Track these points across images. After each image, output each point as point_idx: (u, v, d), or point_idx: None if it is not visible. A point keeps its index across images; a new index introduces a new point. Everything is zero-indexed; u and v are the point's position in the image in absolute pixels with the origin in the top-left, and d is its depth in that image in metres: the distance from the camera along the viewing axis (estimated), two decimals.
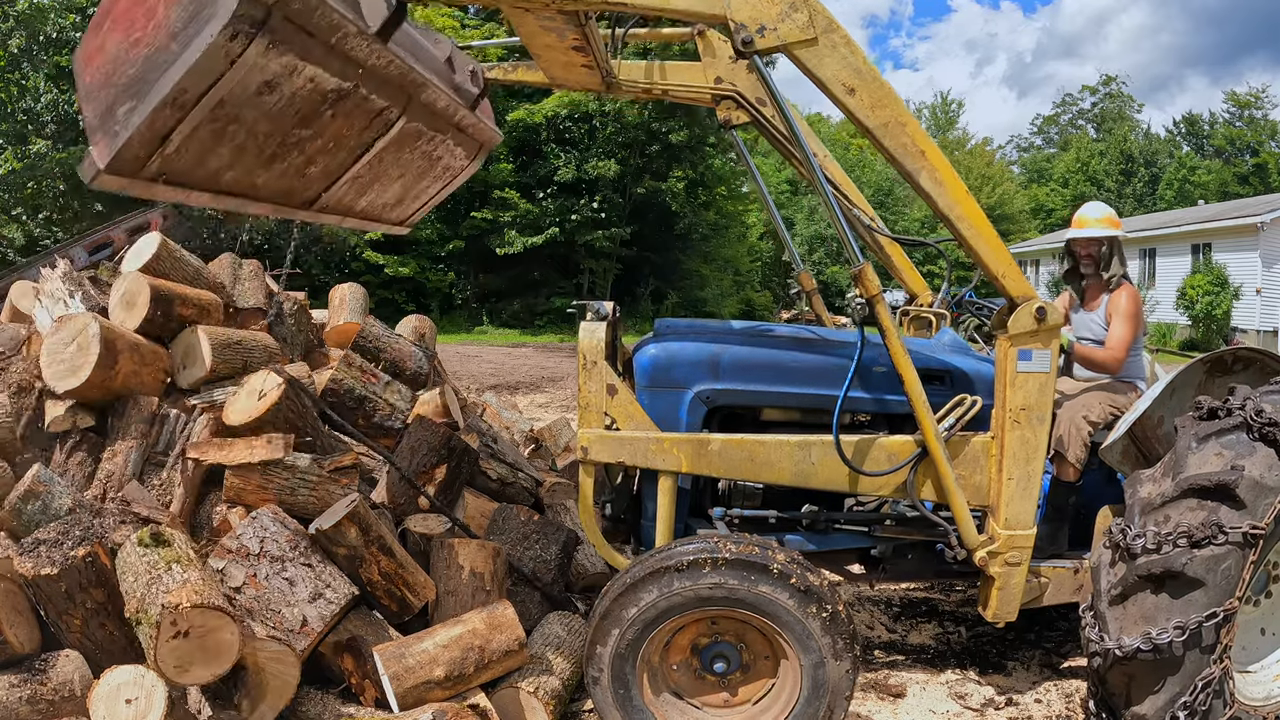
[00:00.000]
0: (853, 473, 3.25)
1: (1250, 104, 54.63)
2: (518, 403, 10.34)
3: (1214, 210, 31.07)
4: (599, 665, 3.00)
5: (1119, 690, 2.99)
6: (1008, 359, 3.16)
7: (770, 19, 2.78)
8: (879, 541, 3.67)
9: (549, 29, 3.01)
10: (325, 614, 3.22)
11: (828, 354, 3.50)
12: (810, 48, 2.83)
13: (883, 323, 3.04)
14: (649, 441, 3.26)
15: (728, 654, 3.11)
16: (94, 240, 8.35)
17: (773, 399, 3.47)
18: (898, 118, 2.95)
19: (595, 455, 3.30)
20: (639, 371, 3.43)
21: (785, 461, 3.27)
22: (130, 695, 2.79)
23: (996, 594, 3.30)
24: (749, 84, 3.88)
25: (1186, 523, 2.85)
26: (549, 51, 3.31)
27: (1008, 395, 3.18)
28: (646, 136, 26.73)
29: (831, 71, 2.88)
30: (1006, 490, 3.22)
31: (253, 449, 3.70)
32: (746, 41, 2.79)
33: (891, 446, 3.28)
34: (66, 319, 3.96)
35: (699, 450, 3.26)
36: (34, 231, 24.26)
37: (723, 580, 2.90)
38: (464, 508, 4.42)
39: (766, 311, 41.12)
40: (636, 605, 2.94)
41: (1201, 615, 2.80)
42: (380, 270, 25.35)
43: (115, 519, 3.38)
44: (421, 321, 6.30)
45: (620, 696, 3.00)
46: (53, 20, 23.41)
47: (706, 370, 3.40)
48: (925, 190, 3.00)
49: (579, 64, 3.45)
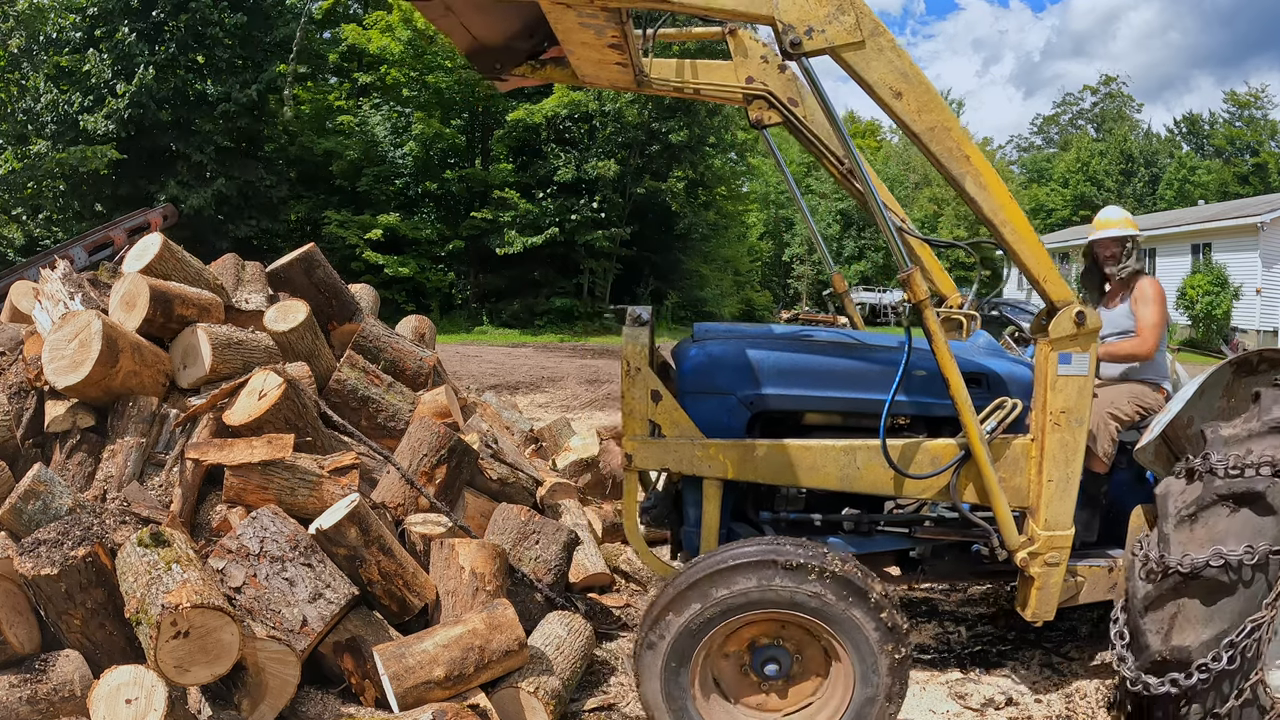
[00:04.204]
0: (897, 476, 3.27)
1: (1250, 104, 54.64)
2: (518, 403, 10.34)
3: (1214, 210, 31.07)
4: (663, 632, 2.93)
5: (1163, 620, 3.00)
6: (1048, 362, 3.18)
7: (818, 21, 2.77)
8: (918, 543, 3.68)
9: (588, 25, 3.00)
10: (325, 614, 3.22)
11: (868, 358, 3.51)
12: (857, 51, 2.82)
13: (930, 327, 3.04)
14: (695, 447, 3.26)
15: (781, 659, 3.10)
16: (94, 240, 8.34)
17: (815, 403, 3.48)
18: (943, 122, 2.95)
19: (640, 462, 3.30)
20: (682, 376, 3.41)
21: (831, 466, 3.29)
22: (130, 695, 2.80)
23: (1036, 593, 3.32)
24: (780, 84, 3.86)
25: (1270, 455, 2.96)
26: (584, 49, 3.30)
27: (1048, 398, 3.19)
28: (646, 136, 26.72)
29: (878, 75, 2.87)
30: (1046, 492, 3.24)
31: (253, 449, 3.71)
32: (795, 43, 2.76)
33: (935, 450, 3.30)
34: (69, 316, 3.97)
35: (745, 456, 3.27)
36: (34, 231, 24.26)
37: (823, 592, 2.90)
38: (464, 508, 4.42)
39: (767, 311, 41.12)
40: (729, 588, 2.90)
41: (1271, 545, 2.87)
42: (380, 270, 25.34)
43: (115, 519, 3.39)
44: (421, 321, 6.30)
45: (671, 669, 2.95)
46: (53, 20, 23.43)
47: (749, 375, 3.39)
48: (970, 195, 3.00)
49: (613, 61, 3.45)
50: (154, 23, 23.81)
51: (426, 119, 26.67)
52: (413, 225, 26.64)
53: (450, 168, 27.31)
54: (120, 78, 23.25)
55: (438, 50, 25.85)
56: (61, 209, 24.48)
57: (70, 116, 23.21)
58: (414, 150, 27.29)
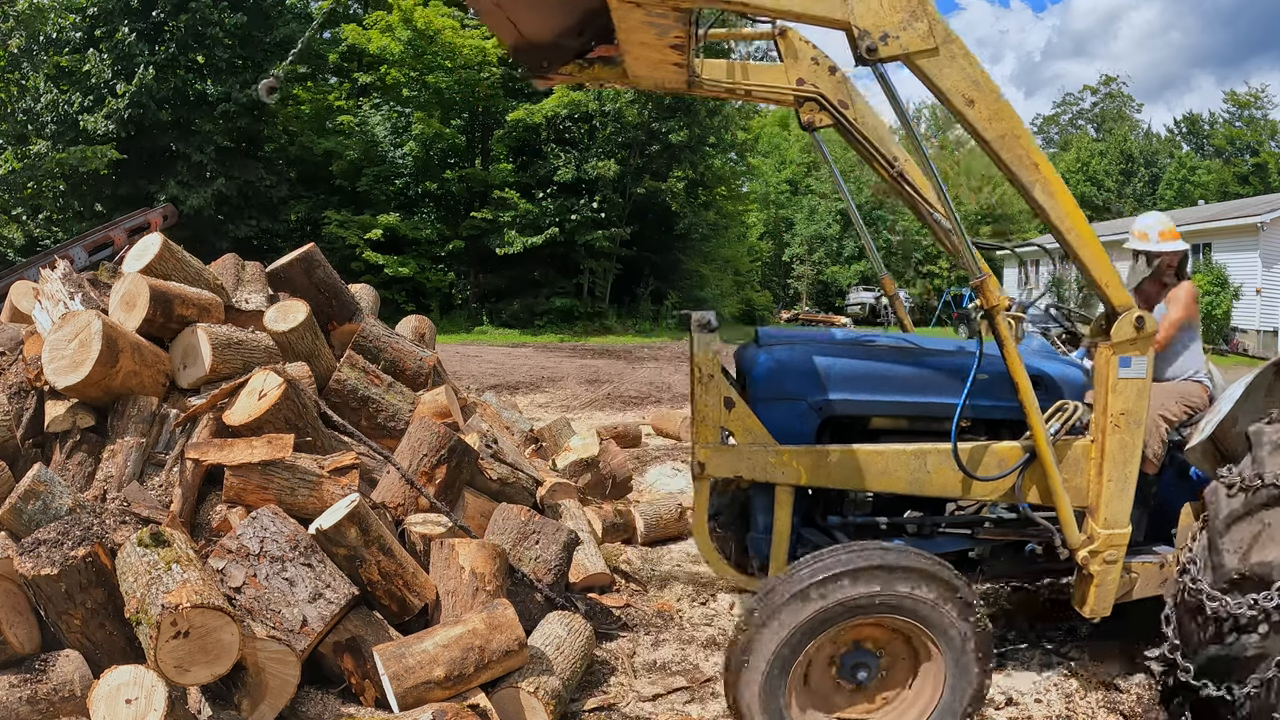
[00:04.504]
0: (965, 479, 3.31)
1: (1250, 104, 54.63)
2: (518, 403, 10.34)
3: (1214, 210, 31.05)
4: (766, 641, 2.90)
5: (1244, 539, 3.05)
6: (1109, 366, 3.24)
7: (893, 27, 2.77)
8: (978, 544, 3.72)
9: (653, 25, 2.99)
10: (325, 614, 3.22)
11: (931, 363, 3.56)
12: (931, 58, 2.84)
13: (1002, 334, 3.08)
14: (768, 454, 3.27)
15: (870, 663, 3.12)
16: (94, 240, 8.34)
17: (882, 408, 3.51)
18: (1014, 130, 2.97)
19: (713, 470, 3.29)
20: (753, 383, 3.42)
21: (902, 470, 3.33)
22: (130, 695, 2.79)
23: (1094, 590, 3.37)
24: (831, 86, 3.86)
25: None
26: (643, 49, 3.29)
27: (1109, 400, 3.26)
28: (646, 136, 26.71)
29: (951, 83, 2.89)
30: (1106, 492, 3.31)
31: (253, 449, 3.71)
32: (870, 49, 2.76)
33: (1001, 452, 3.35)
34: (69, 316, 3.97)
35: (818, 462, 3.30)
36: (34, 231, 24.27)
37: (927, 596, 2.93)
38: (464, 508, 4.42)
39: (767, 311, 41.13)
40: (841, 594, 2.89)
41: None
42: (380, 270, 25.35)
43: (115, 519, 3.38)
44: (421, 321, 6.31)
45: (771, 678, 2.91)
46: (53, 20, 23.43)
47: (819, 381, 3.42)
48: (1038, 202, 3.04)
49: (669, 62, 3.44)
50: (154, 23, 23.82)
51: (426, 119, 26.67)
52: (413, 225, 26.64)
53: (450, 168, 27.31)
54: (120, 78, 23.25)
55: (438, 50, 25.86)
56: (61, 209, 24.49)
57: (70, 116, 23.22)
58: (414, 150, 27.29)
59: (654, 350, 21.47)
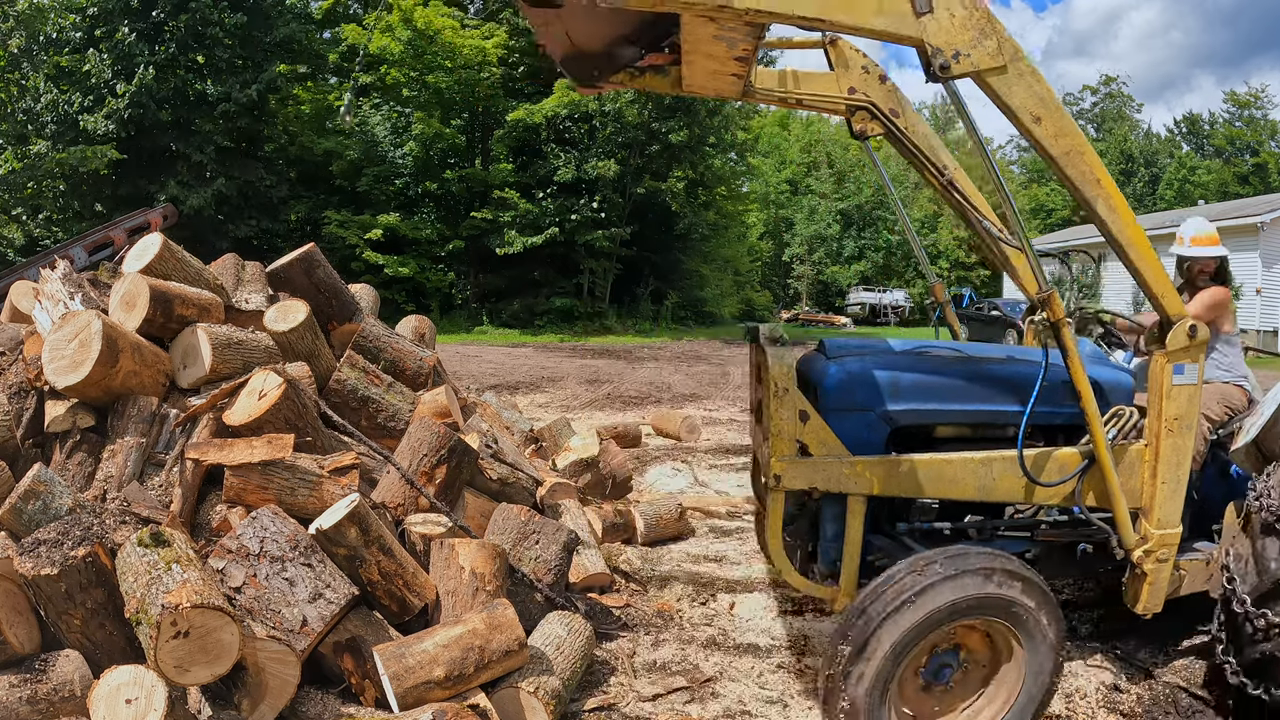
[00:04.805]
0: (1029, 484, 3.40)
1: (1250, 104, 54.63)
2: (518, 403, 10.34)
3: (1214, 210, 31.04)
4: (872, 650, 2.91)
5: None
6: (1164, 373, 3.36)
7: (964, 45, 2.83)
8: (1036, 545, 3.80)
9: (723, 38, 3.04)
10: (325, 614, 3.22)
11: (991, 371, 3.64)
12: (1000, 75, 2.91)
13: (1066, 344, 3.17)
14: (842, 465, 3.33)
15: (952, 664, 3.20)
16: (94, 240, 8.35)
17: (948, 416, 3.58)
18: (1078, 147, 3.05)
19: (789, 483, 3.33)
20: (825, 394, 3.46)
21: (970, 477, 3.42)
22: (130, 695, 2.79)
23: (1147, 588, 3.48)
24: (882, 95, 3.91)
25: None
26: (707, 60, 3.33)
27: (1164, 406, 3.38)
28: (646, 136, 26.72)
29: (1020, 100, 2.95)
30: (1160, 493, 3.43)
31: (253, 449, 3.71)
32: (944, 67, 2.82)
33: (1062, 458, 3.45)
34: (69, 316, 3.97)
35: (890, 471, 3.37)
36: (34, 231, 24.28)
37: (1020, 597, 3.04)
38: (464, 508, 4.42)
39: (767, 311, 41.14)
40: (947, 598, 2.95)
41: None
42: (380, 270, 25.36)
43: (115, 519, 3.38)
44: (421, 321, 6.31)
45: (876, 686, 2.94)
46: (53, 20, 23.44)
47: (889, 391, 3.47)
48: (1100, 216, 3.12)
49: (729, 73, 3.49)
50: (154, 23, 23.82)
51: (426, 119, 26.68)
52: (413, 225, 26.65)
53: (450, 168, 27.32)
54: (120, 78, 23.26)
55: (438, 50, 25.87)
56: (61, 209, 24.50)
57: (70, 116, 23.22)
58: (414, 150, 27.30)
59: (654, 350, 21.48)
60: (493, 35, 26.76)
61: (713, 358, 19.90)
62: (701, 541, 5.95)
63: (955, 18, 2.81)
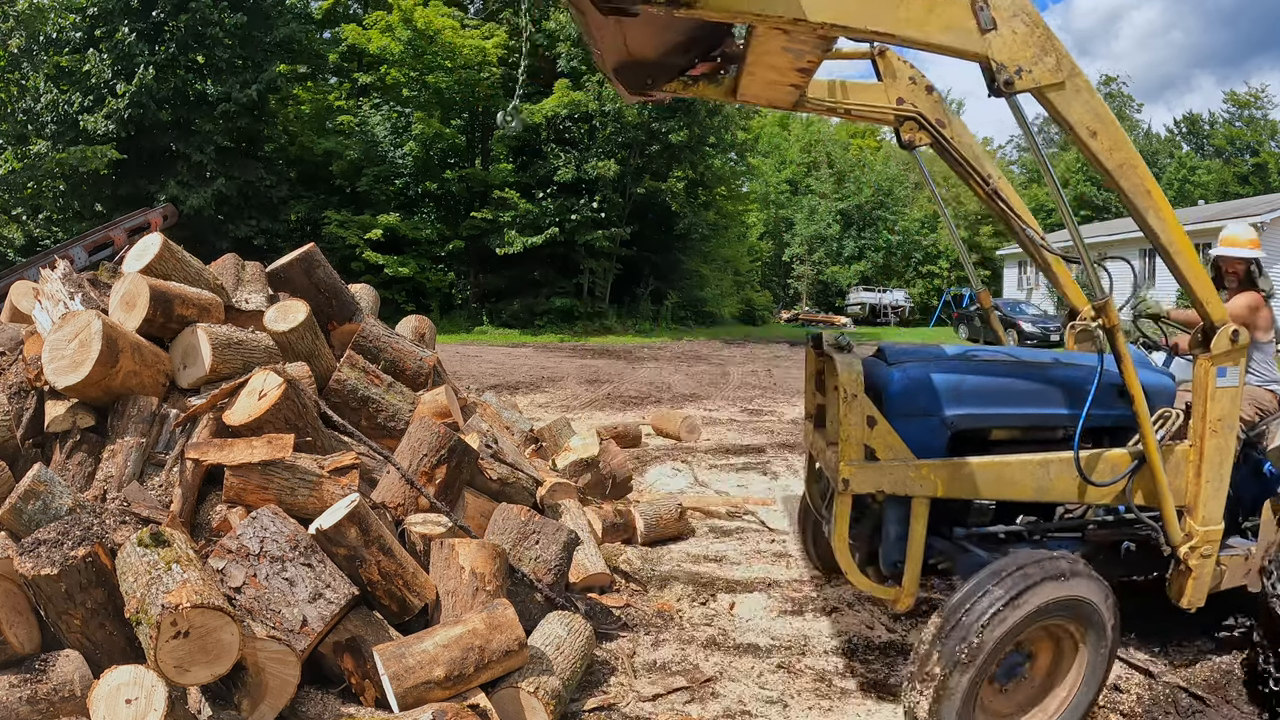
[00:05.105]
0: (1082, 484, 3.52)
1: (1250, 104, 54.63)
2: (518, 403, 10.34)
3: (1214, 210, 31.05)
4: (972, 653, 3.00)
5: None
6: (1208, 376, 3.50)
7: (1026, 61, 2.93)
8: (1087, 545, 3.91)
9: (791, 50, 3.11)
10: (325, 614, 3.22)
11: (1043, 376, 3.76)
12: (1059, 91, 3.01)
13: (1120, 351, 3.31)
14: (908, 469, 3.42)
15: (1020, 664, 3.32)
16: (94, 240, 8.35)
17: (1005, 420, 3.70)
18: (1130, 160, 3.16)
19: (857, 486, 3.41)
20: (890, 400, 3.54)
21: (1028, 479, 3.53)
22: (130, 695, 2.79)
23: (1192, 583, 3.62)
24: (929, 105, 3.99)
25: None
26: (768, 70, 3.40)
27: (1208, 408, 3.52)
28: (646, 136, 26.71)
29: (1077, 115, 3.05)
30: (1204, 492, 3.57)
31: (253, 449, 3.71)
32: (1008, 83, 2.92)
33: (1114, 459, 3.56)
34: (69, 316, 3.97)
35: (954, 474, 3.47)
36: (34, 231, 24.28)
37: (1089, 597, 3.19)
38: (464, 508, 4.42)
39: (767, 311, 41.13)
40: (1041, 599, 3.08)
41: None
42: (380, 270, 25.36)
43: (115, 519, 3.38)
44: (421, 321, 6.31)
45: (969, 688, 3.03)
46: (53, 20, 23.44)
47: (950, 397, 3.58)
48: (1151, 226, 3.24)
49: (789, 83, 3.57)
50: (154, 23, 23.82)
51: (426, 119, 26.68)
52: (413, 225, 26.65)
53: (450, 168, 27.32)
54: (120, 78, 23.26)
55: (437, 50, 25.87)
56: (61, 209, 24.50)
57: (70, 116, 23.23)
58: (414, 150, 27.30)
59: (654, 350, 21.48)
60: (493, 35, 26.76)
61: (713, 358, 19.91)
62: (701, 541, 5.95)
63: (1017, 34, 2.91)
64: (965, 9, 2.87)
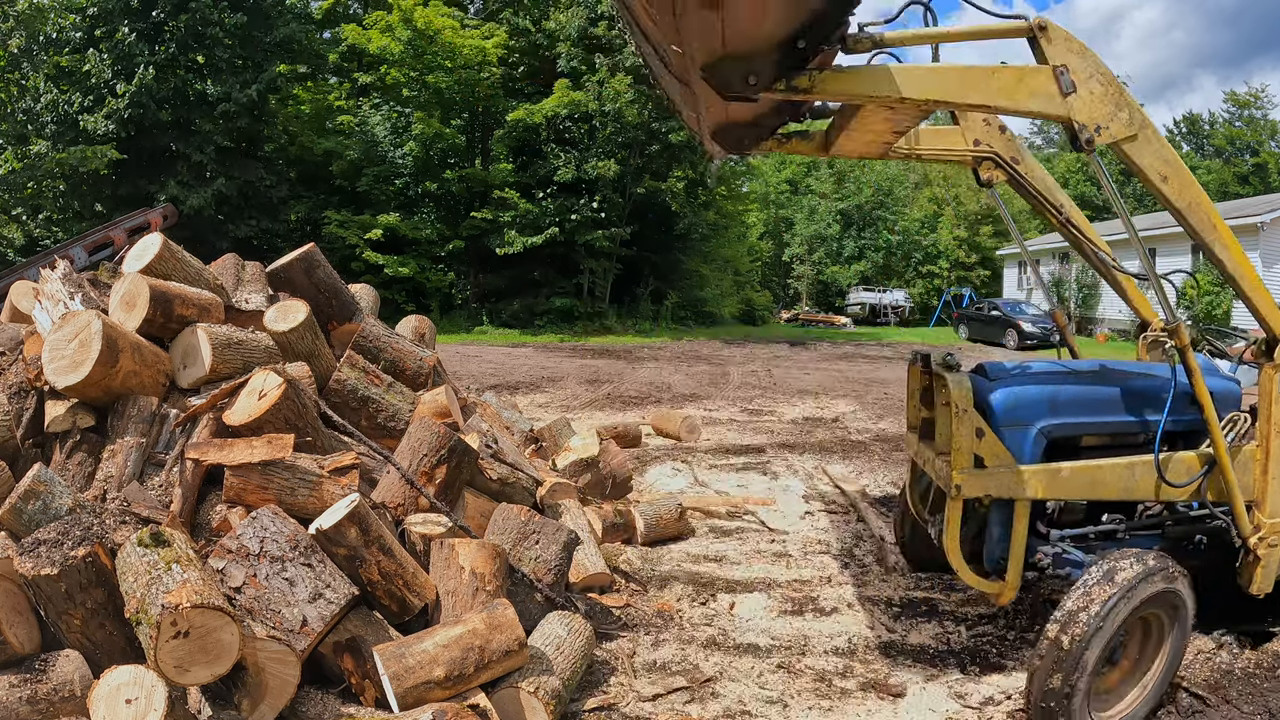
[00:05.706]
0: (1161, 484, 3.84)
1: (1250, 104, 54.64)
2: (518, 403, 10.35)
3: None
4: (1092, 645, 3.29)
5: None
6: (1273, 384, 3.81)
7: (1103, 118, 3.21)
8: (1164, 540, 4.16)
9: (893, 119, 3.47)
10: (325, 614, 3.22)
11: (1124, 386, 4.10)
12: (1133, 143, 3.29)
13: (1191, 366, 3.60)
14: (1011, 475, 3.75)
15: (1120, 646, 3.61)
16: (94, 240, 8.36)
17: (1094, 428, 4.01)
18: (1197, 199, 3.45)
19: (968, 491, 3.75)
20: (994, 413, 3.85)
21: (1116, 481, 3.85)
22: (130, 695, 2.79)
23: (1260, 571, 3.92)
24: (1003, 145, 4.29)
25: None
26: (867, 133, 3.82)
27: (1273, 411, 3.82)
28: (646, 136, 26.70)
29: (1149, 162, 3.32)
30: (1271, 487, 3.87)
31: (253, 449, 3.71)
32: (1089, 140, 3.20)
33: (1188, 460, 3.88)
34: (69, 316, 3.97)
35: (1052, 478, 3.79)
36: (34, 231, 24.29)
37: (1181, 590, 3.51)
38: (464, 508, 4.42)
39: (767, 311, 41.12)
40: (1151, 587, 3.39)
41: None
42: (380, 270, 25.36)
43: (115, 519, 3.38)
44: (421, 321, 6.31)
45: (1090, 679, 3.33)
46: (53, 20, 23.45)
47: (1048, 408, 3.91)
48: (1217, 255, 3.54)
49: (883, 141, 4.01)
50: (154, 23, 23.82)
51: (426, 119, 26.67)
52: (413, 225, 26.64)
53: (450, 168, 27.31)
54: (120, 78, 23.26)
55: (437, 50, 25.87)
56: (61, 209, 24.50)
57: (70, 116, 23.22)
58: (414, 150, 27.29)
59: (654, 350, 21.49)
60: (493, 35, 26.76)
61: (713, 358, 19.91)
62: (701, 541, 5.95)
63: (1094, 94, 3.19)
64: (1049, 76, 3.16)
